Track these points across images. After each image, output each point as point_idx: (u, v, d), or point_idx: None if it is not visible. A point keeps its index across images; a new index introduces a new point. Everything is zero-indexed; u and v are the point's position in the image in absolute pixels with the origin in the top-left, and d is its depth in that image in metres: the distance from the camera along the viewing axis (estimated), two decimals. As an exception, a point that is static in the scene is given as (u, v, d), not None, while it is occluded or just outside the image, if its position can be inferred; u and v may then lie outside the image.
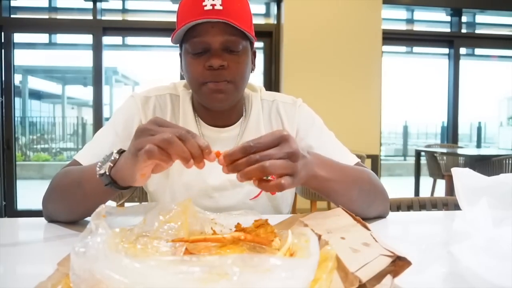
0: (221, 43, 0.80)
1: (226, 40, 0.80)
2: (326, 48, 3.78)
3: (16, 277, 0.54)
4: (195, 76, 0.82)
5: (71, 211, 0.76)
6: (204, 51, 0.81)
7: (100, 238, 0.37)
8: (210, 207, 0.87)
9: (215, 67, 0.79)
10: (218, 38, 0.79)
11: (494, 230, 0.52)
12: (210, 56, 0.80)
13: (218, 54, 0.80)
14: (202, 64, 0.80)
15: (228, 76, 0.81)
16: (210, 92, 0.82)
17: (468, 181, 0.62)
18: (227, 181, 0.90)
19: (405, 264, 0.43)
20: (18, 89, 9.36)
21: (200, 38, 0.79)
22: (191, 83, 0.86)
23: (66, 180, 0.77)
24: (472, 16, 4.65)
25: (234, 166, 0.57)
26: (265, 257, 0.35)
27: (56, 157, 9.10)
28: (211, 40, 0.79)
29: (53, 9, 4.27)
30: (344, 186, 0.75)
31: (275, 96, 0.99)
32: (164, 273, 0.32)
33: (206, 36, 0.79)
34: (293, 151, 0.58)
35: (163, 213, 0.51)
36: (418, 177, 4.10)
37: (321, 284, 0.37)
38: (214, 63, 0.79)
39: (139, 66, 12.21)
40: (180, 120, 0.91)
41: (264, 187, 0.58)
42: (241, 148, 0.56)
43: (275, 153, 0.57)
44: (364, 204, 0.79)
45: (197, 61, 0.81)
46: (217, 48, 0.80)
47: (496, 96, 10.55)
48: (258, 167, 0.55)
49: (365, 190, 0.79)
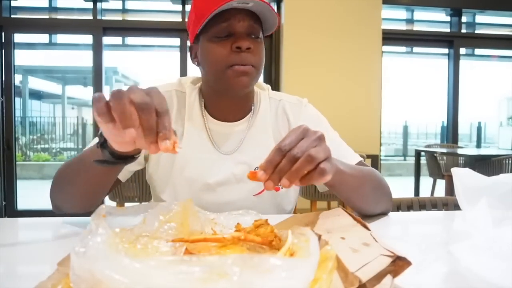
0: (246, 28, 0.84)
1: (251, 25, 0.84)
2: (326, 48, 3.78)
3: (16, 277, 0.54)
4: (221, 59, 0.83)
5: (77, 198, 0.78)
6: (229, 34, 0.84)
7: (100, 238, 0.37)
8: (213, 202, 0.89)
9: (243, 49, 0.82)
10: (244, 23, 0.83)
11: (494, 230, 0.52)
12: (236, 38, 0.83)
13: (245, 37, 0.83)
14: (229, 46, 0.83)
15: (252, 60, 0.84)
16: (235, 75, 0.83)
17: (468, 181, 0.62)
18: (232, 176, 0.91)
19: (405, 264, 0.43)
20: (18, 89, 9.36)
21: (227, 22, 0.83)
22: (214, 67, 0.86)
23: (69, 166, 0.79)
24: (472, 16, 4.66)
25: (278, 172, 0.55)
26: (265, 257, 0.35)
27: (56, 157, 9.10)
28: (238, 25, 0.83)
29: (53, 9, 4.28)
30: (358, 183, 0.77)
31: (281, 95, 1.01)
32: (164, 273, 0.32)
33: (233, 21, 0.83)
34: (320, 135, 0.59)
35: (163, 213, 0.51)
36: (418, 177, 4.11)
37: (321, 284, 0.37)
38: (242, 44, 0.82)
39: (139, 66, 12.22)
40: (186, 115, 0.92)
41: (309, 179, 0.57)
42: (275, 151, 0.56)
43: (308, 143, 0.57)
44: (373, 201, 0.84)
45: (222, 44, 0.83)
46: (243, 32, 0.84)
47: (496, 96, 10.55)
48: (305, 158, 0.55)
49: (374, 187, 0.83)
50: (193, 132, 0.92)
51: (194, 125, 0.92)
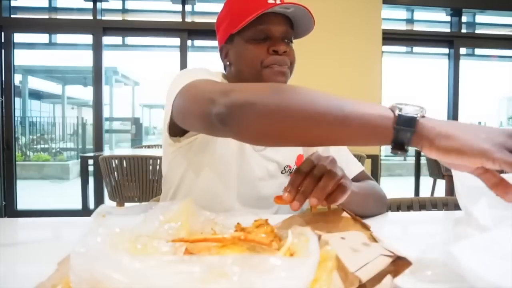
0: (282, 33, 0.88)
1: (286, 30, 0.89)
2: (326, 48, 3.78)
3: (16, 277, 0.54)
4: (258, 60, 0.87)
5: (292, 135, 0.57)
6: (266, 38, 0.88)
7: (100, 238, 0.37)
8: (253, 196, 0.95)
9: (280, 52, 0.87)
10: (280, 28, 0.88)
11: (494, 230, 0.52)
12: (273, 42, 0.87)
13: (281, 41, 0.88)
14: (265, 49, 0.87)
15: (288, 62, 0.89)
16: (273, 75, 0.87)
17: (468, 181, 0.62)
18: (266, 171, 0.96)
19: (405, 264, 0.43)
20: (18, 89, 9.37)
21: (265, 26, 0.87)
22: (251, 66, 0.89)
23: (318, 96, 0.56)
24: (472, 16, 4.65)
25: (303, 192, 0.58)
26: (265, 257, 0.35)
27: (56, 157, 9.10)
28: (275, 29, 0.87)
29: (53, 9, 4.28)
30: (363, 198, 0.84)
31: None
32: (164, 273, 0.32)
33: (271, 25, 0.87)
34: (332, 159, 0.63)
35: (163, 213, 0.51)
36: (418, 177, 4.11)
37: (321, 284, 0.37)
38: (280, 49, 0.86)
39: (139, 66, 12.22)
40: None
41: (334, 198, 0.60)
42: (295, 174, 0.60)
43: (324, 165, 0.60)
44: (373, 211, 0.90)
45: (259, 47, 0.87)
46: (280, 36, 0.88)
47: (496, 96, 10.55)
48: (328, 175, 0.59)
49: (375, 201, 0.91)
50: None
51: None
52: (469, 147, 0.46)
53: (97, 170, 3.26)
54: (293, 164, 1.01)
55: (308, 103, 0.55)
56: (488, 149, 0.45)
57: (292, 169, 1.01)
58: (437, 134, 0.47)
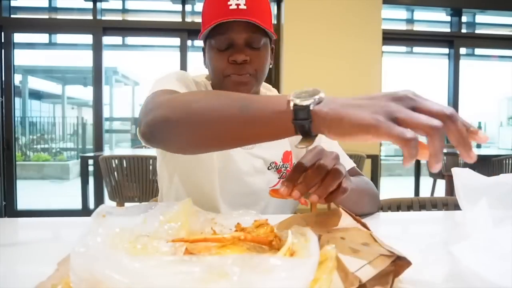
0: (244, 40, 0.86)
1: (249, 36, 0.86)
2: (326, 48, 3.78)
3: (16, 277, 0.54)
4: (219, 70, 0.88)
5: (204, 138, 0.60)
6: (228, 46, 0.87)
7: (100, 238, 0.37)
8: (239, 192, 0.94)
9: (238, 62, 0.85)
10: (241, 35, 0.86)
11: (494, 230, 0.52)
12: (233, 51, 0.86)
13: (241, 49, 0.86)
14: (226, 59, 0.86)
15: (250, 70, 0.87)
16: (233, 85, 0.87)
17: (468, 181, 0.62)
18: (252, 168, 0.96)
19: (405, 264, 0.43)
20: (18, 89, 9.37)
21: (225, 35, 0.85)
22: (215, 75, 0.91)
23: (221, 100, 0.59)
24: (472, 16, 4.65)
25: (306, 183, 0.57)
26: (265, 257, 0.35)
27: (56, 157, 9.10)
28: (235, 37, 0.86)
29: (53, 9, 4.28)
30: (358, 195, 0.83)
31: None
32: (164, 273, 0.32)
33: (231, 33, 0.85)
34: (336, 155, 0.61)
35: (163, 213, 0.51)
36: (418, 177, 4.11)
37: (321, 284, 0.37)
38: (238, 58, 0.85)
39: (139, 66, 12.22)
40: None
41: (334, 197, 0.59)
42: (296, 168, 0.58)
43: (329, 162, 0.59)
44: (367, 208, 0.90)
45: (221, 56, 0.87)
46: (241, 44, 0.86)
47: (496, 96, 10.55)
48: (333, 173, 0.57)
49: (370, 197, 0.90)
50: None
51: None
52: (357, 127, 0.45)
53: (97, 170, 3.26)
54: (279, 161, 1.00)
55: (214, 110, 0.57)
56: (374, 124, 0.43)
57: (278, 165, 1.00)
58: (330, 120, 0.47)
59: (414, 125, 0.43)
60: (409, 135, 0.42)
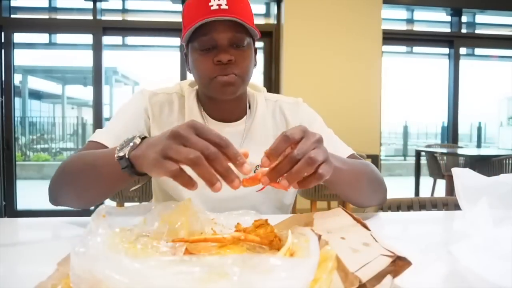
0: (228, 40, 0.84)
1: (233, 36, 0.84)
2: (326, 48, 3.78)
3: (16, 277, 0.54)
4: (205, 72, 0.86)
5: (82, 196, 0.76)
6: (212, 47, 0.85)
7: (100, 238, 0.37)
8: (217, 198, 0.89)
9: (224, 62, 0.84)
10: (225, 35, 0.84)
11: (494, 230, 0.52)
12: (218, 52, 0.84)
13: (226, 49, 0.84)
14: (211, 60, 0.85)
15: (235, 70, 0.86)
16: (220, 85, 0.86)
17: (468, 181, 0.62)
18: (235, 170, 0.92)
19: (405, 264, 0.43)
20: (18, 89, 9.36)
21: (208, 36, 0.84)
22: (200, 78, 0.89)
23: (80, 162, 0.76)
24: (472, 16, 4.65)
25: (277, 170, 0.55)
26: (265, 257, 0.35)
27: (56, 157, 9.10)
28: (219, 37, 0.84)
29: (53, 9, 4.27)
30: (354, 178, 0.79)
31: (277, 97, 1.04)
32: (164, 273, 0.32)
33: (214, 33, 0.84)
34: (319, 138, 0.59)
35: (163, 213, 0.51)
36: (418, 177, 4.10)
37: (321, 284, 0.37)
38: (223, 58, 0.83)
39: (139, 66, 12.21)
40: (186, 117, 0.95)
41: (308, 183, 0.57)
42: (281, 139, 0.55)
43: (308, 145, 0.56)
44: (369, 193, 0.86)
45: (205, 57, 0.85)
46: (225, 44, 0.84)
47: (496, 96, 10.55)
48: (306, 160, 0.54)
49: (370, 180, 0.85)
50: None
51: None
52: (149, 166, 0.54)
53: (97, 170, 3.25)
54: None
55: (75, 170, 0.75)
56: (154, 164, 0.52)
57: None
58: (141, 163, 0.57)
59: (179, 160, 0.50)
60: (172, 168, 0.50)
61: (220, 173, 0.51)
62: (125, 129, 0.89)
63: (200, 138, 0.51)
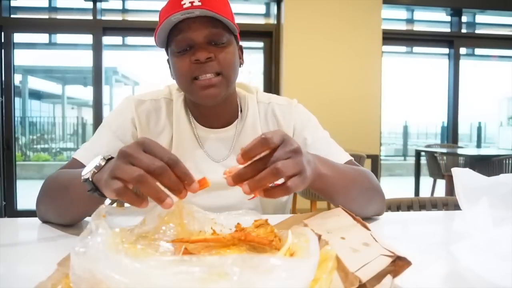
0: (205, 37, 0.79)
1: (209, 32, 0.79)
2: (326, 48, 3.78)
3: (16, 277, 0.54)
4: (183, 73, 0.81)
5: (60, 215, 0.75)
6: (189, 47, 0.80)
7: (100, 238, 0.37)
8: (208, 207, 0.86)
9: (202, 60, 0.78)
10: (201, 32, 0.79)
11: (494, 230, 0.52)
12: (195, 50, 0.79)
13: (203, 47, 0.79)
14: (188, 60, 0.80)
15: (217, 68, 0.80)
16: (201, 88, 0.80)
17: (468, 181, 0.62)
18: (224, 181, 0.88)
19: (405, 264, 0.43)
20: (18, 89, 9.35)
21: (182, 35, 0.79)
22: (181, 82, 0.84)
23: (56, 183, 0.76)
24: (472, 16, 4.65)
25: (241, 174, 0.53)
26: (265, 257, 0.35)
27: (56, 157, 9.10)
28: (194, 35, 0.79)
29: (53, 9, 4.27)
30: (345, 185, 0.74)
31: (270, 98, 0.98)
32: (164, 273, 0.32)
33: (189, 32, 0.79)
34: (296, 148, 0.55)
35: (163, 213, 0.51)
36: (418, 177, 4.10)
37: (321, 284, 0.37)
38: (200, 56, 0.78)
39: (139, 66, 12.20)
40: (174, 123, 0.91)
41: (272, 194, 0.54)
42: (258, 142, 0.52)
43: (281, 154, 0.53)
44: (363, 202, 0.80)
45: (183, 58, 0.80)
46: (202, 42, 0.79)
47: (496, 96, 10.55)
48: (271, 170, 0.51)
49: (364, 189, 0.79)
50: (183, 139, 0.91)
51: (183, 132, 0.91)
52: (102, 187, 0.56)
53: (97, 170, 3.25)
54: None
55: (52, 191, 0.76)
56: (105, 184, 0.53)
57: None
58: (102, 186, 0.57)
59: (125, 179, 0.50)
60: (115, 186, 0.50)
61: (169, 187, 0.50)
62: (106, 146, 0.85)
63: (148, 155, 0.51)
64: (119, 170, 0.50)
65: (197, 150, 0.91)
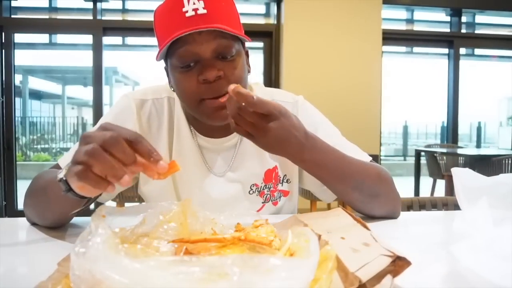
0: (212, 51, 0.71)
1: (218, 46, 0.71)
2: (326, 48, 3.78)
3: (16, 277, 0.54)
4: (190, 94, 0.73)
5: (41, 217, 0.74)
6: (194, 62, 0.71)
7: (100, 238, 0.37)
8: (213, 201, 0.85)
9: (211, 80, 0.70)
10: (208, 46, 0.70)
11: (494, 230, 0.52)
12: (202, 67, 0.70)
13: (211, 64, 0.70)
14: (195, 78, 0.71)
15: (227, 86, 0.70)
16: (211, 110, 0.73)
17: (468, 181, 0.62)
18: (227, 195, 0.86)
19: (405, 264, 0.43)
20: (19, 89, 9.36)
21: (186, 48, 0.70)
22: (186, 102, 0.76)
23: (36, 184, 0.74)
24: (472, 16, 4.65)
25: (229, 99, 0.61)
26: (265, 257, 0.35)
27: (56, 157, 9.10)
28: (201, 50, 0.70)
29: (53, 9, 4.27)
30: (337, 176, 0.73)
31: (273, 94, 0.91)
32: (164, 273, 0.32)
33: (194, 45, 0.69)
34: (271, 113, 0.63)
35: (163, 213, 0.51)
36: (418, 177, 4.11)
37: (321, 284, 0.37)
38: (209, 76, 0.69)
39: (139, 66, 12.20)
40: (175, 128, 0.86)
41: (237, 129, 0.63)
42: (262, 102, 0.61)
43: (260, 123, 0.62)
44: (364, 199, 0.78)
45: (188, 76, 0.72)
46: (209, 57, 0.71)
47: (496, 96, 10.55)
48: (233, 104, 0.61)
49: (367, 185, 0.76)
50: (184, 148, 0.86)
51: (183, 140, 0.86)
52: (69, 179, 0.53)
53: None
54: (260, 182, 0.87)
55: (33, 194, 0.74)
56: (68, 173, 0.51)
57: (259, 187, 0.87)
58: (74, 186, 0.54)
59: (82, 160, 0.48)
60: (76, 170, 0.48)
61: (123, 160, 0.47)
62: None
63: (104, 131, 0.48)
64: (77, 153, 0.49)
65: (200, 163, 0.87)
